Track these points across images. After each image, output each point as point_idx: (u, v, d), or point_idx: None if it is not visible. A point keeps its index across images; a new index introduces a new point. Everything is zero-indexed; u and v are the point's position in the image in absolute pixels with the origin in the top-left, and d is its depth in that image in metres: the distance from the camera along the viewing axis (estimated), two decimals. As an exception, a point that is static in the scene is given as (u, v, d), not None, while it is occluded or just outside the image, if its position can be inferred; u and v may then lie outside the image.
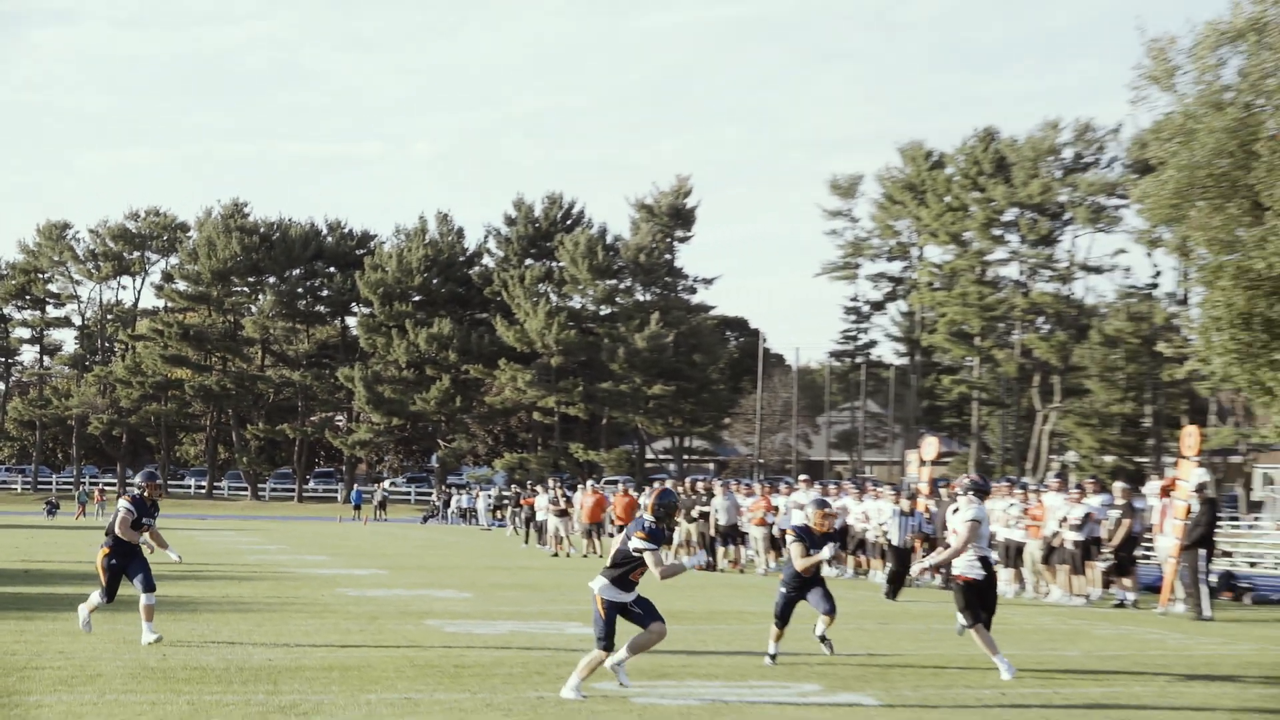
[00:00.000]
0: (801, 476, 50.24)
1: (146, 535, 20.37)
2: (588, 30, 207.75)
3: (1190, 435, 32.67)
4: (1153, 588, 32.25)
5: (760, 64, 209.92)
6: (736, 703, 15.78)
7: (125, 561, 20.06)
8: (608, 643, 16.30)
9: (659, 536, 16.62)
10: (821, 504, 20.24)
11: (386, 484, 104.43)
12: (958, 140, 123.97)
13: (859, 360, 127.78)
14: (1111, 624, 26.93)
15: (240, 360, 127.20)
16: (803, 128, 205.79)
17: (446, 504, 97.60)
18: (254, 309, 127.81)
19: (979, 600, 18.55)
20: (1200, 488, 30.71)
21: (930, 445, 40.73)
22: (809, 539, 19.50)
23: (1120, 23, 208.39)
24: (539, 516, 55.15)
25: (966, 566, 18.55)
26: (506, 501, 78.67)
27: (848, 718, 15.05)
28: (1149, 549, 35.69)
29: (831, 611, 19.62)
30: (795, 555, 19.41)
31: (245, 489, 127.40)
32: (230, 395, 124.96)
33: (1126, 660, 20.67)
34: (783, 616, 19.60)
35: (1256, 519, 51.56)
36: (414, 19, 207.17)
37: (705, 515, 42.65)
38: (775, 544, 40.28)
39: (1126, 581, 31.50)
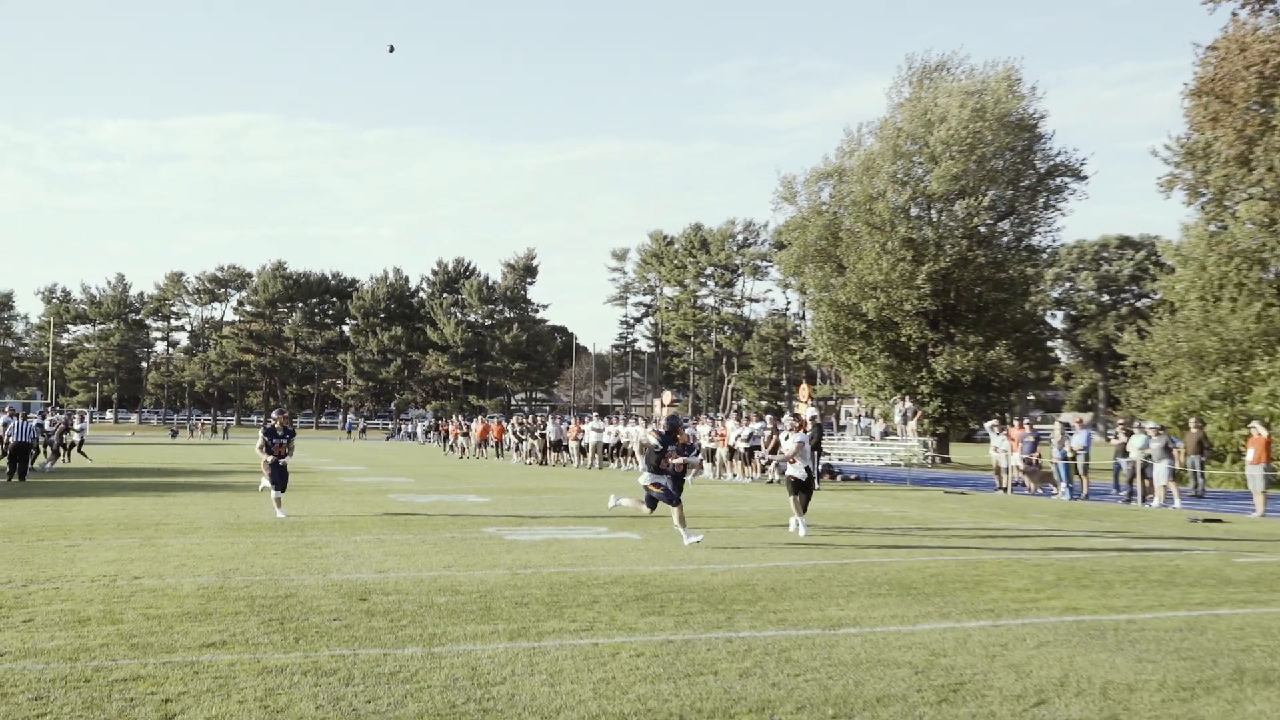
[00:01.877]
0: (595, 413, 50.28)
1: (285, 451, 18.65)
2: (480, 165, 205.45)
3: (804, 390, 33.00)
4: (787, 472, 32.55)
5: (577, 186, 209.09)
6: (563, 538, 15.73)
7: (276, 465, 18.47)
8: (677, 499, 15.19)
9: (665, 440, 15.41)
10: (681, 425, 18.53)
11: (353, 417, 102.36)
12: (681, 229, 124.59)
13: (628, 350, 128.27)
14: (765, 493, 27.23)
15: (282, 349, 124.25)
16: (599, 221, 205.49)
17: (399, 430, 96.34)
18: (290, 321, 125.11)
19: (800, 489, 16.46)
20: (813, 418, 31.13)
21: (667, 395, 40.78)
22: (671, 443, 17.32)
23: (766, 168, 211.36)
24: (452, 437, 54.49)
25: (796, 470, 16.45)
26: (432, 429, 77.78)
27: (621, 544, 15.03)
28: (784, 451, 36.09)
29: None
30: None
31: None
32: (277, 370, 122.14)
33: (774, 513, 20.92)
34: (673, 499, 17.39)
35: (841, 436, 52.31)
36: (379, 160, 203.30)
37: (544, 435, 42.50)
38: (583, 451, 40.32)
39: (773, 470, 31.82)
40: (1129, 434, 26.98)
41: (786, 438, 17.01)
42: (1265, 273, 41.90)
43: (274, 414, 19.32)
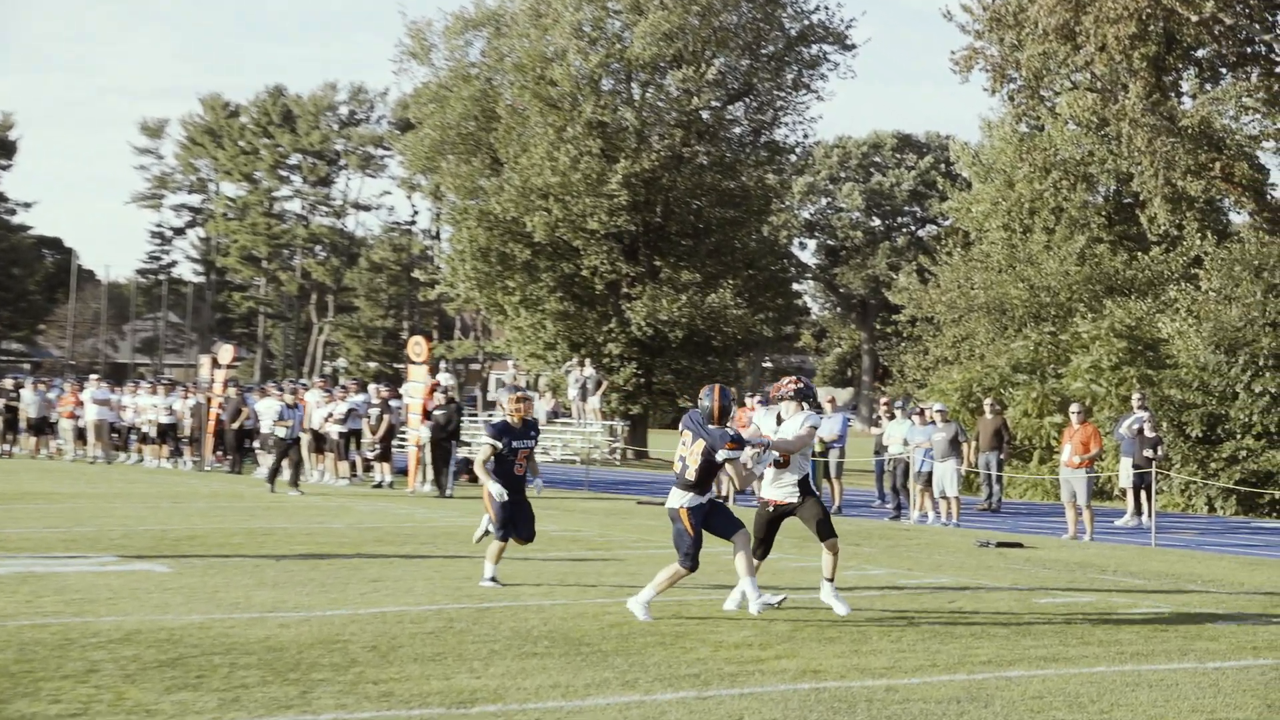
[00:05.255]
0: (94, 375, 48.62)
1: None
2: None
3: (418, 344, 32.72)
4: (404, 471, 32.57)
5: (83, 19, 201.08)
6: (44, 572, 15.18)
7: None
8: (695, 561, 13.27)
9: (742, 440, 13.41)
10: (516, 390, 16.11)
11: None
12: (252, 94, 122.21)
13: (162, 278, 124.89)
14: (369, 501, 27.17)
15: None
16: (119, 77, 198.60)
17: None
18: None
19: (771, 525, 14.01)
20: (446, 391, 31.21)
21: (226, 351, 40.20)
22: (509, 434, 15.23)
23: (386, 7, 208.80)
24: None
25: (778, 489, 13.89)
26: None
27: (139, 581, 14.66)
28: (404, 440, 36.09)
29: (527, 539, 15.49)
30: (481, 457, 15.13)
31: None
32: None
33: (388, 531, 20.87)
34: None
35: (490, 415, 52.79)
36: None
37: (14, 408, 40.88)
38: (82, 434, 39.17)
39: (385, 466, 31.82)
40: (892, 417, 28.49)
41: (779, 416, 14.17)
42: (1093, 195, 45.13)
43: None
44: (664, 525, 23.51)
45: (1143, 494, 26.85)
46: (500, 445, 15.00)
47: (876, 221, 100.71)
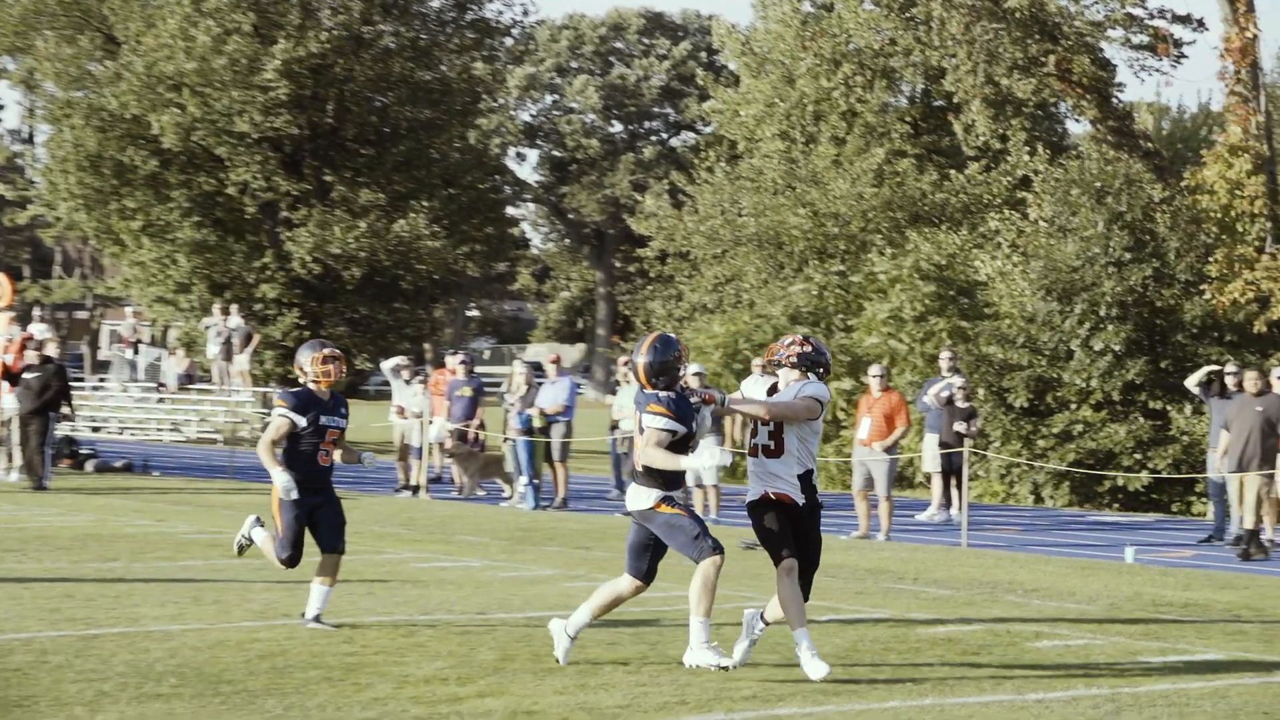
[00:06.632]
0: None
1: None
2: None
3: (1, 285, 32.23)
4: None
5: None
6: None
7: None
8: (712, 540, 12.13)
9: (687, 413, 12.70)
10: (323, 345, 14.00)
11: None
12: None
13: None
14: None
15: None
16: None
17: None
18: None
19: (791, 527, 12.45)
20: (40, 346, 30.59)
21: None
22: (314, 408, 13.70)
23: None
24: None
25: (770, 481, 12.70)
26: None
27: None
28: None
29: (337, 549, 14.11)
30: (270, 436, 13.64)
31: None
32: None
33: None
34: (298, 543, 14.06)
35: (102, 380, 51.96)
36: None
37: None
38: None
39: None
40: (630, 383, 28.70)
41: (775, 387, 13.31)
42: (895, 95, 45.86)
43: None
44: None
45: (952, 480, 27.35)
46: (302, 422, 13.67)
47: (617, 127, 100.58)
